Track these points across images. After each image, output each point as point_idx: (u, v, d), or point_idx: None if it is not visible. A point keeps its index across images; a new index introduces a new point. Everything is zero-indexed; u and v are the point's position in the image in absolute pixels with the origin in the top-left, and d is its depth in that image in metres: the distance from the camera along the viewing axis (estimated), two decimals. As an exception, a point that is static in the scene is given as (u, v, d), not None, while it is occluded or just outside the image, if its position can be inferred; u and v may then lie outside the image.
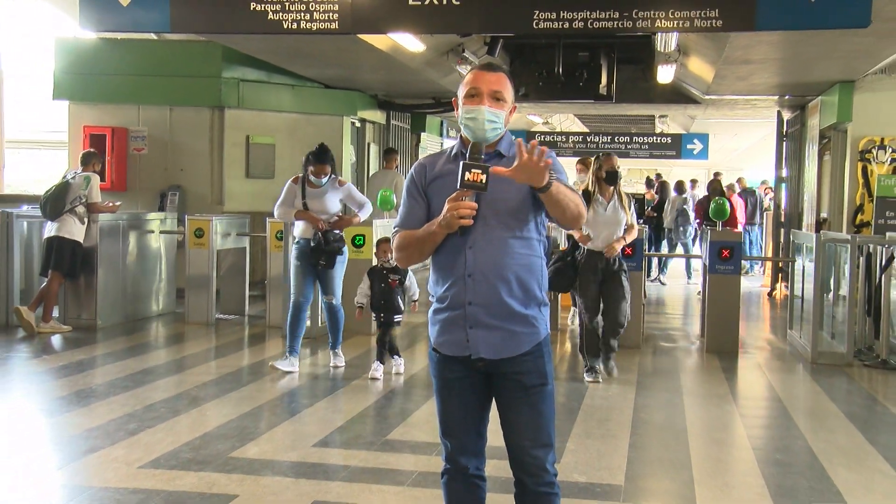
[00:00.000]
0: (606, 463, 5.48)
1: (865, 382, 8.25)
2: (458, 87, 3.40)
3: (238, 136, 13.59)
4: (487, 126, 3.29)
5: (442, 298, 3.35)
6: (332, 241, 7.76)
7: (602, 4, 7.19)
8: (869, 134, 12.33)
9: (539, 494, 3.38)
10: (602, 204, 7.77)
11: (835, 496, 4.99)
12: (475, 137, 3.31)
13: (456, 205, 3.17)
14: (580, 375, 7.87)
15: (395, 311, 7.66)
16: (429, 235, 3.30)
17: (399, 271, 7.69)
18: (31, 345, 9.17)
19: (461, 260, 3.27)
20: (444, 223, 3.21)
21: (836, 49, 10.25)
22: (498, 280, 3.27)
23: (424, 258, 3.47)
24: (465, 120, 3.32)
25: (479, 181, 3.11)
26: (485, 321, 3.28)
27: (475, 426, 3.43)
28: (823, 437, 6.27)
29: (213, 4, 7.65)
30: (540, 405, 3.35)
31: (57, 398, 6.95)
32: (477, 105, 3.29)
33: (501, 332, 3.30)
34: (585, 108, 18.84)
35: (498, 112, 3.31)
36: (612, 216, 7.77)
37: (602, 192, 7.82)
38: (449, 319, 3.34)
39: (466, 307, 3.28)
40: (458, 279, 3.29)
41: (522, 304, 3.31)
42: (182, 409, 6.55)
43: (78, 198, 9.83)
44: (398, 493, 4.83)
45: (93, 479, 4.99)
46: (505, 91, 3.33)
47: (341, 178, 8.05)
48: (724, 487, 5.10)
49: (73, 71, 13.46)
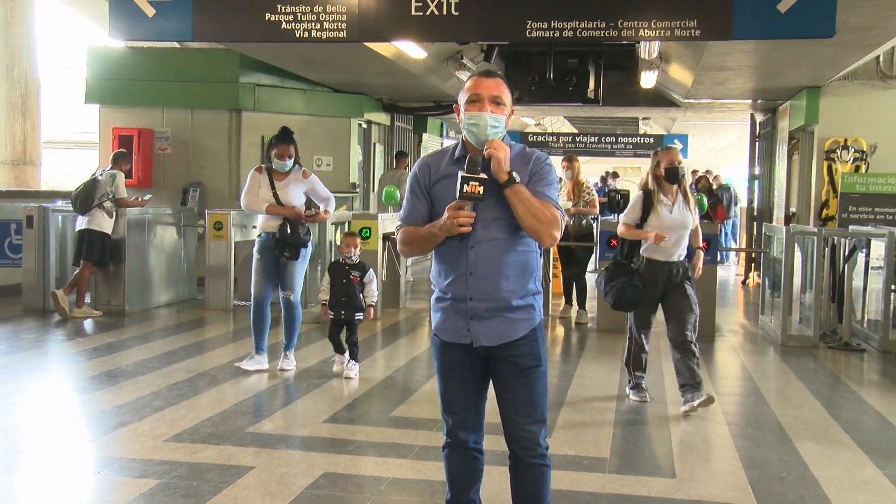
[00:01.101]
0: (593, 438, 5.49)
1: (830, 363, 8.26)
2: (459, 94, 3.37)
3: (254, 136, 13.57)
4: (490, 131, 3.26)
5: (445, 290, 3.34)
6: (302, 235, 7.05)
7: (590, 15, 7.17)
8: (834, 135, 12.36)
9: (532, 466, 3.39)
10: (666, 205, 6.24)
11: (801, 466, 5.01)
12: (478, 142, 3.28)
13: (455, 213, 3.16)
14: (572, 356, 7.78)
15: (356, 308, 6.90)
16: (430, 236, 3.28)
17: (361, 268, 6.97)
18: (65, 328, 9.18)
19: (463, 258, 3.25)
20: (444, 228, 3.20)
21: (804, 57, 10.24)
22: (498, 277, 3.26)
23: (426, 253, 3.47)
24: (468, 125, 3.29)
25: (476, 193, 3.10)
26: (484, 313, 3.28)
27: (474, 404, 3.43)
28: (791, 412, 6.28)
29: (232, 15, 7.63)
30: (534, 385, 3.35)
31: (89, 377, 6.96)
32: (479, 111, 3.26)
33: (499, 321, 3.29)
34: (574, 110, 18.82)
35: (499, 117, 3.28)
36: (678, 219, 6.26)
37: (665, 191, 6.30)
38: (451, 310, 3.33)
39: (468, 301, 3.28)
40: (461, 276, 3.28)
41: (519, 296, 3.31)
42: (203, 388, 6.56)
43: (105, 194, 9.87)
44: (402, 466, 4.84)
45: (122, 451, 5.00)
46: (504, 95, 3.31)
47: (306, 169, 7.30)
48: (700, 459, 5.11)
49: (104, 77, 13.50)
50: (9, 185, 14.10)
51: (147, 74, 13.41)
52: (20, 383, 6.78)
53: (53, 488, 4.45)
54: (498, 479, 3.92)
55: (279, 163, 7.05)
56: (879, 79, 12.10)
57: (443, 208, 3.25)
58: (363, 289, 6.93)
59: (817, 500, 4.47)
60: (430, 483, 4.47)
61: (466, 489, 3.52)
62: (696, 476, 4.80)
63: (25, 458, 4.97)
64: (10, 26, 14.25)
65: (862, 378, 7.79)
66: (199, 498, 4.26)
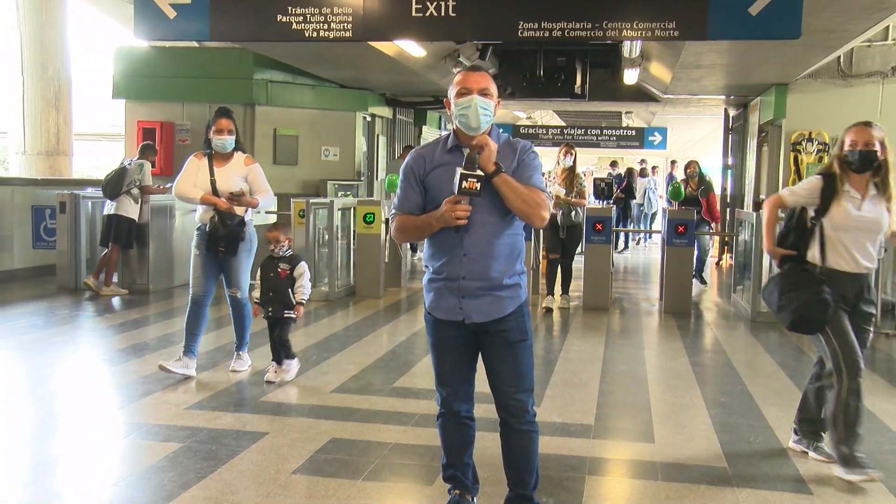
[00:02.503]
0: (579, 406, 5.49)
1: (794, 337, 8.26)
2: (449, 89, 3.36)
3: (267, 128, 13.57)
4: (480, 113, 3.23)
5: (438, 271, 3.33)
6: (233, 226, 5.87)
7: (577, 16, 7.13)
8: (799, 128, 12.40)
9: (521, 432, 3.40)
10: (854, 199, 4.27)
11: (767, 430, 5.02)
12: (469, 127, 3.26)
13: (453, 207, 3.14)
14: (560, 333, 7.74)
15: (285, 305, 5.82)
16: (426, 225, 3.26)
17: (290, 261, 5.86)
18: (95, 305, 9.18)
19: (458, 241, 3.24)
20: (440, 219, 3.19)
21: (773, 57, 10.22)
22: (489, 258, 3.26)
23: (421, 240, 3.46)
24: (460, 112, 3.26)
25: (474, 188, 3.10)
26: (476, 292, 3.27)
27: (466, 376, 3.43)
28: (759, 382, 6.29)
29: (246, 16, 7.59)
30: (521, 357, 3.35)
31: (117, 350, 6.96)
32: (469, 96, 3.23)
33: (489, 299, 3.29)
34: (563, 105, 18.72)
35: (487, 101, 3.26)
36: (870, 218, 4.27)
37: (853, 182, 4.30)
38: (444, 289, 3.32)
39: (460, 281, 3.27)
40: (455, 257, 3.27)
41: (508, 275, 3.31)
42: (220, 360, 6.55)
43: (132, 181, 9.88)
44: (403, 432, 4.85)
45: (148, 418, 5.00)
46: (490, 87, 3.29)
47: (249, 156, 6.12)
48: (676, 426, 5.13)
49: (129, 74, 13.49)
50: (43, 174, 14.17)
51: (168, 71, 13.39)
52: (56, 355, 6.78)
53: (87, 450, 4.46)
54: (490, 445, 3.93)
55: (219, 141, 5.88)
56: (840, 77, 12.14)
57: (438, 194, 3.23)
58: (293, 284, 5.85)
59: (782, 461, 4.49)
60: (428, 448, 4.48)
61: (460, 454, 3.54)
62: (673, 441, 4.81)
63: (62, 423, 4.98)
64: (45, 28, 14.33)
65: (824, 351, 7.81)
66: (217, 460, 4.27)
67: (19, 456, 4.41)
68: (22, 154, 14.64)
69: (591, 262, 9.82)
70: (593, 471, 4.28)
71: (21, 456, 4.41)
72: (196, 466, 4.18)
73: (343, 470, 4.20)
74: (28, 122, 14.51)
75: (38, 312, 8.68)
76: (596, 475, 4.23)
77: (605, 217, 9.92)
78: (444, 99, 3.46)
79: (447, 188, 3.20)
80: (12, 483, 3.99)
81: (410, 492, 4.00)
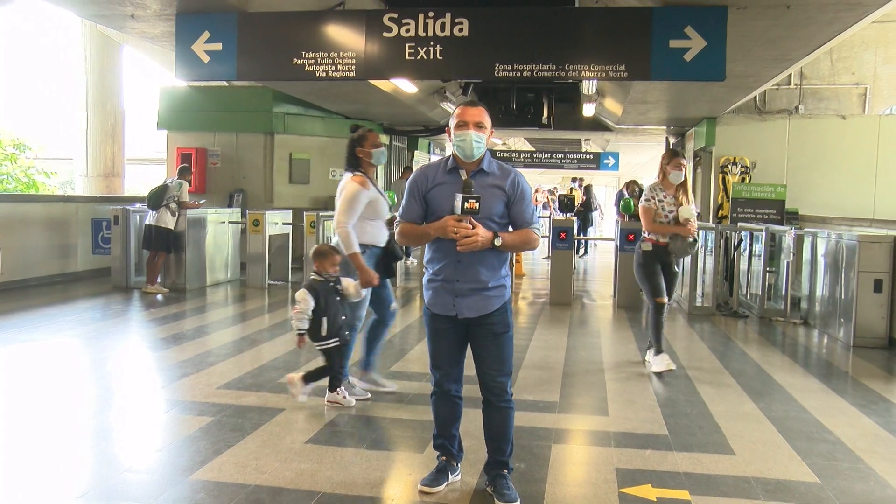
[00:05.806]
0: (547, 386, 5.49)
1: (723, 326, 8.32)
2: (450, 119, 3.34)
3: (284, 153, 13.51)
4: (474, 145, 3.23)
5: (437, 273, 3.33)
6: None
7: (544, 60, 7.14)
8: (726, 154, 12.51)
9: (500, 408, 3.39)
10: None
11: (700, 404, 5.04)
12: (465, 155, 3.25)
13: (457, 225, 3.12)
14: (530, 325, 7.68)
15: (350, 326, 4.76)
16: (425, 234, 3.26)
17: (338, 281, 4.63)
18: (142, 301, 9.11)
19: (454, 249, 3.22)
20: (438, 231, 3.18)
21: (704, 95, 10.30)
22: (479, 265, 3.25)
23: (419, 245, 3.46)
24: (457, 142, 3.26)
25: (473, 208, 3.11)
26: (468, 292, 3.27)
27: (457, 361, 3.43)
28: (695, 364, 6.31)
29: (267, 60, 7.57)
30: (504, 346, 3.35)
31: (159, 339, 6.91)
32: (465, 130, 3.24)
33: (479, 298, 3.28)
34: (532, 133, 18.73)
35: (481, 135, 3.26)
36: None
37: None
38: (441, 289, 3.32)
39: (455, 283, 3.27)
40: (451, 262, 3.26)
41: (495, 279, 3.31)
42: (245, 348, 6.52)
43: (171, 197, 9.86)
44: (400, 408, 4.83)
45: (185, 396, 4.97)
46: (484, 120, 3.29)
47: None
48: (627, 402, 5.14)
49: (171, 109, 13.45)
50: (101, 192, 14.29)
51: (203, 106, 13.35)
52: (110, 342, 6.72)
53: (135, 423, 4.43)
54: (474, 419, 3.92)
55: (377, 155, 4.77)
56: (757, 113, 12.35)
57: (438, 208, 3.23)
58: None
59: (712, 429, 4.50)
60: (420, 422, 4.46)
61: (449, 427, 3.53)
62: (624, 414, 4.82)
63: (115, 399, 4.94)
64: (103, 72, 14.57)
65: (746, 337, 7.84)
66: (243, 432, 4.24)
67: (86, 425, 4.40)
68: (85, 176, 14.82)
69: (556, 265, 9.84)
70: (558, 440, 4.28)
71: (87, 425, 4.40)
72: (225, 437, 4.15)
73: (348, 440, 4.18)
74: (90, 150, 14.72)
75: (97, 307, 8.61)
76: (560, 444, 4.23)
77: (568, 227, 9.93)
78: (445, 128, 3.47)
79: (444, 204, 3.20)
80: (80, 447, 3.98)
81: (405, 458, 3.98)
